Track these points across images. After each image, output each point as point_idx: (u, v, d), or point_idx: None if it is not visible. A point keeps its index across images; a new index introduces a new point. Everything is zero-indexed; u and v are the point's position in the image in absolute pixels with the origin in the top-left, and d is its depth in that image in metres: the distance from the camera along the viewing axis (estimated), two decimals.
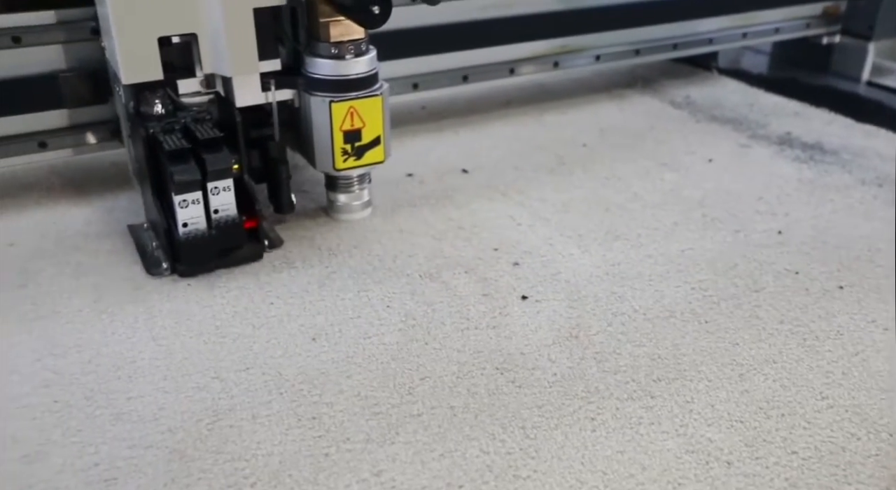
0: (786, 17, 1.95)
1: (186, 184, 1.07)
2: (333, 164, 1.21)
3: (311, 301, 1.08)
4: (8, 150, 1.27)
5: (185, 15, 1.09)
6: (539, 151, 1.55)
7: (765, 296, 1.12)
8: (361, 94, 1.18)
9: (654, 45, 1.82)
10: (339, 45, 1.16)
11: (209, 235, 1.11)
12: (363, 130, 1.20)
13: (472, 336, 1.02)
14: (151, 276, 1.13)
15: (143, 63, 1.10)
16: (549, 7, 1.64)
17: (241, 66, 1.14)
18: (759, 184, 1.44)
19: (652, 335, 1.03)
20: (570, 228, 1.28)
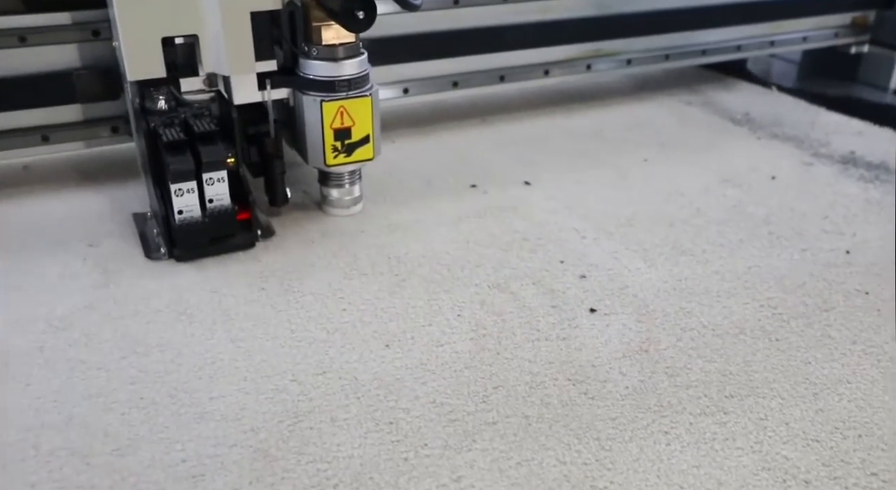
0: (814, 27, 1.99)
1: (181, 173, 1.14)
2: (324, 161, 1.27)
3: (383, 308, 1.10)
4: (25, 141, 1.37)
5: (187, 17, 1.16)
6: (600, 165, 1.56)
7: (835, 315, 1.11)
8: (351, 94, 1.24)
9: (683, 51, 1.88)
10: (331, 47, 1.22)
11: (203, 223, 1.18)
12: (353, 129, 1.25)
13: (543, 347, 1.03)
14: (150, 260, 1.20)
15: (148, 61, 1.16)
16: (584, 13, 1.73)
17: (239, 66, 1.20)
18: (824, 202, 1.43)
19: (722, 351, 1.03)
20: (634, 242, 1.28)
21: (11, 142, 1.37)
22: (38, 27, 1.31)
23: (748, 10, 1.91)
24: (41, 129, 1.38)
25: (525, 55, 1.71)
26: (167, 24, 1.15)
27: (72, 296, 1.11)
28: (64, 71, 1.35)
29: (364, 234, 1.29)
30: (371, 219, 1.34)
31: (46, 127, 1.38)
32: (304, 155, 1.28)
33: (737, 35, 1.93)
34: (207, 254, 1.21)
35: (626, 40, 1.81)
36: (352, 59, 1.23)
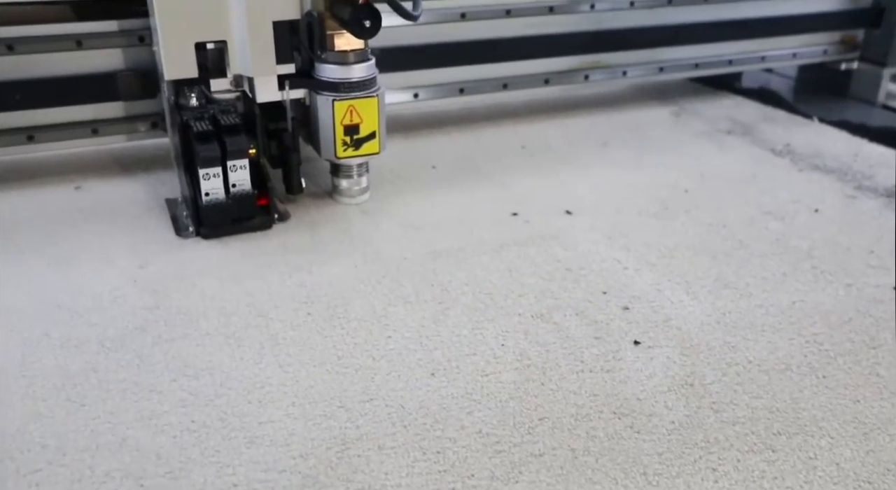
0: (804, 44, 2.12)
1: (209, 159, 1.30)
2: (335, 153, 1.42)
3: (427, 336, 1.11)
4: (73, 134, 1.55)
5: (217, 25, 1.32)
6: (641, 195, 1.56)
7: (884, 353, 1.10)
8: (360, 94, 1.39)
9: (676, 64, 2.01)
10: (342, 53, 1.38)
11: (226, 204, 1.34)
12: (361, 125, 1.41)
13: (588, 379, 1.03)
14: (180, 238, 1.35)
15: (182, 63, 1.32)
16: (583, 27, 1.87)
17: (262, 69, 1.36)
18: (870, 237, 1.42)
19: (768, 387, 1.02)
20: (677, 274, 1.28)
21: (65, 133, 1.55)
22: (91, 33, 1.48)
23: (740, 27, 2.03)
24: (91, 123, 1.56)
25: (527, 65, 1.86)
26: (200, 30, 1.31)
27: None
28: (110, 72, 1.52)
29: (407, 262, 1.30)
30: (413, 246, 1.35)
31: (95, 121, 1.56)
32: (318, 148, 1.43)
33: (729, 50, 2.06)
34: (230, 232, 1.36)
35: (623, 53, 1.94)
36: (361, 63, 1.39)
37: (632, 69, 1.97)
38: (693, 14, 1.98)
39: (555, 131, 1.89)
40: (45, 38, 1.46)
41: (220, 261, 1.29)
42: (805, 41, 2.13)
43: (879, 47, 2.12)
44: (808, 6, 2.10)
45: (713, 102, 2.13)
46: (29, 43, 1.45)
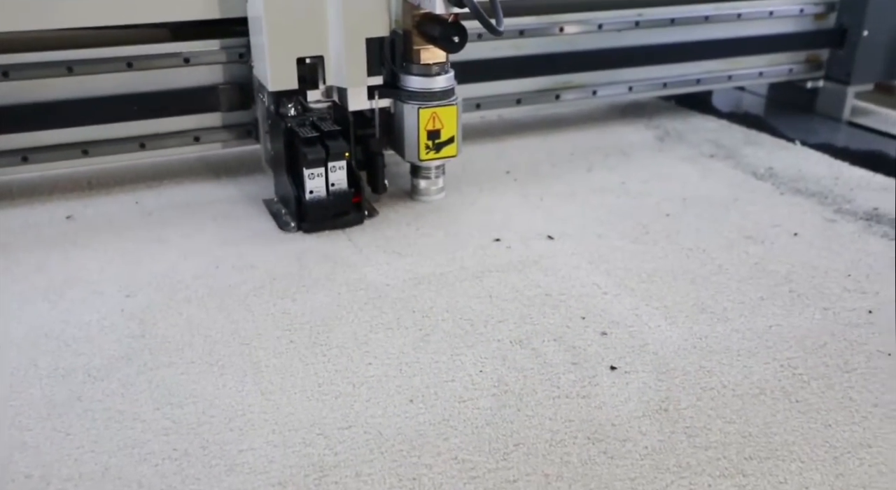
0: (770, 63, 2.22)
1: (315, 161, 1.46)
2: (418, 156, 1.57)
3: (407, 362, 1.13)
4: (181, 141, 1.72)
5: (317, 42, 1.50)
6: (623, 220, 1.58)
7: (857, 377, 1.12)
8: (442, 103, 1.55)
9: (646, 83, 2.10)
10: (427, 66, 1.53)
11: (327, 201, 1.50)
12: (442, 131, 1.56)
13: (564, 404, 1.05)
14: (283, 232, 1.51)
15: (285, 76, 1.50)
16: (554, 49, 1.96)
17: (355, 80, 1.52)
18: (847, 260, 1.44)
19: (742, 412, 1.04)
20: (655, 299, 1.30)
21: (172, 141, 1.71)
22: (195, 52, 1.66)
23: (708, 47, 2.12)
24: (193, 131, 1.72)
25: (499, 86, 1.93)
26: (302, 46, 1.50)
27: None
28: (212, 85, 1.69)
29: (389, 288, 1.32)
30: (396, 272, 1.37)
31: (196, 130, 1.73)
32: (402, 152, 1.59)
33: (697, 70, 2.15)
34: (328, 227, 1.52)
35: (593, 73, 2.02)
36: (442, 75, 1.55)
37: (602, 89, 2.05)
38: (661, 36, 2.06)
39: (540, 155, 1.92)
40: (157, 57, 1.63)
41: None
42: (771, 61, 2.22)
43: (843, 67, 2.21)
44: (773, 27, 2.18)
45: (698, 126, 2.16)
46: (144, 60, 1.62)
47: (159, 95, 1.65)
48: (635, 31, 2.02)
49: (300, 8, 1.46)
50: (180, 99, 1.67)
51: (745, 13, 2.12)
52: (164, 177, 1.79)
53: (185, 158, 1.86)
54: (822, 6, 2.20)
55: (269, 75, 1.49)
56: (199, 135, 1.72)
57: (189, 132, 1.71)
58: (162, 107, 1.66)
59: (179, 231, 1.52)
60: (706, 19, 2.08)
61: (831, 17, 2.22)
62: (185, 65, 1.65)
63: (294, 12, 1.46)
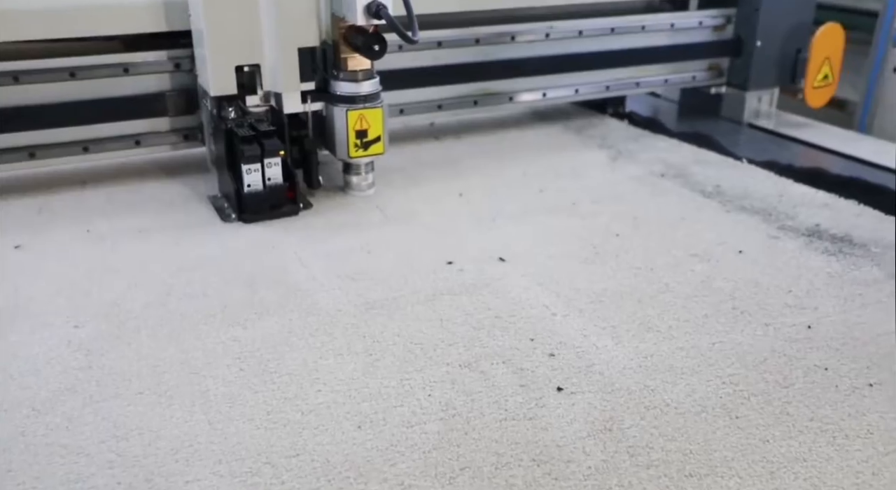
0: (674, 71, 2.41)
1: (251, 157, 1.61)
2: (348, 154, 1.72)
3: (357, 388, 1.14)
4: (128, 144, 1.84)
5: (253, 52, 1.66)
6: (574, 240, 1.61)
7: (794, 392, 1.15)
8: (368, 105, 1.71)
9: (559, 90, 2.26)
10: (354, 72, 1.69)
11: (263, 194, 1.65)
12: (369, 130, 1.71)
13: (510, 427, 1.07)
14: (225, 223, 1.66)
15: (225, 82, 1.65)
16: (473, 58, 2.10)
17: (289, 86, 1.68)
18: (789, 277, 1.48)
19: (684, 430, 1.07)
20: (603, 319, 1.33)
21: (116, 144, 1.84)
22: (142, 62, 1.79)
23: (616, 57, 2.29)
24: (138, 135, 1.85)
25: (422, 93, 2.07)
26: (240, 56, 1.65)
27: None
28: (159, 92, 1.82)
29: (341, 313, 1.33)
30: (349, 297, 1.38)
31: (141, 134, 1.85)
32: (333, 150, 1.74)
33: (606, 77, 2.32)
34: (265, 218, 1.67)
35: (509, 81, 2.17)
36: (368, 80, 1.71)
37: (518, 95, 2.20)
38: (573, 46, 2.22)
39: (494, 177, 1.95)
40: (103, 67, 1.76)
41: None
42: (675, 68, 2.41)
43: (741, 74, 2.41)
44: (677, 38, 2.37)
45: (649, 145, 2.20)
46: (89, 70, 1.74)
47: (109, 101, 1.78)
48: (546, 42, 2.18)
49: (238, 21, 1.62)
50: (130, 105, 1.80)
51: (648, 25, 2.31)
52: (110, 177, 1.90)
53: (137, 160, 1.98)
54: (721, 19, 2.39)
55: (211, 82, 1.64)
56: (147, 138, 1.85)
57: (138, 135, 1.85)
58: (111, 112, 1.79)
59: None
60: (612, 31, 2.26)
61: (729, 29, 2.42)
62: (124, 74, 1.77)
63: (232, 25, 1.62)
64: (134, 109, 1.80)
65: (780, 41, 2.37)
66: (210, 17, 1.60)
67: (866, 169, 2.07)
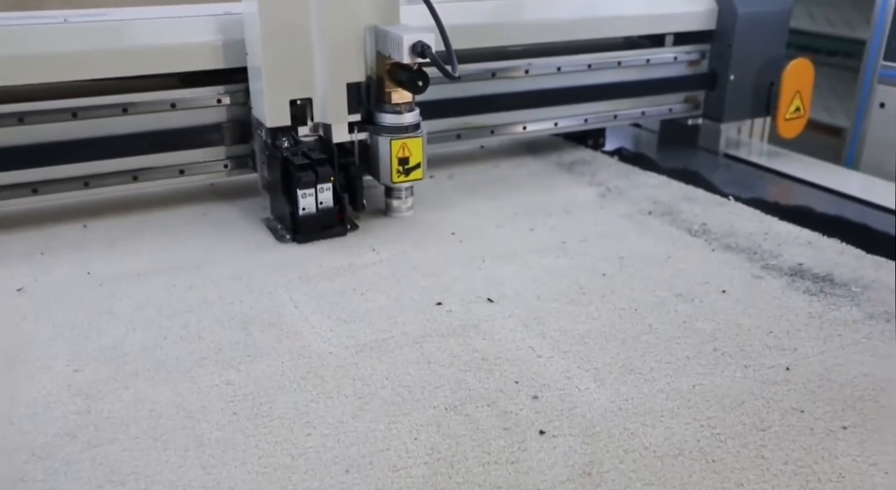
0: (651, 104, 2.53)
1: (307, 183, 1.77)
2: (391, 179, 1.89)
3: (345, 432, 1.18)
4: (192, 170, 2.01)
5: (307, 86, 1.83)
6: (561, 280, 1.65)
7: (770, 435, 1.18)
8: (410, 135, 1.87)
9: (539, 123, 2.36)
10: (397, 105, 1.85)
11: (316, 216, 1.81)
12: (410, 158, 1.88)
13: (493, 471, 1.10)
14: (280, 243, 1.83)
15: (280, 115, 1.82)
16: (456, 95, 2.21)
17: (338, 117, 1.85)
18: (770, 317, 1.52)
19: (661, 473, 1.10)
20: (587, 361, 1.36)
21: (188, 169, 2.00)
22: (200, 97, 1.96)
23: (594, 91, 2.40)
24: (197, 164, 2.01)
25: None
26: (294, 90, 1.82)
27: None
28: (216, 123, 2.00)
29: (332, 356, 1.37)
30: (339, 339, 1.42)
31: (196, 163, 2.01)
32: (377, 176, 1.91)
33: (585, 111, 2.43)
34: (317, 238, 1.83)
35: (490, 115, 2.28)
36: (410, 112, 1.87)
37: (498, 129, 2.31)
38: (552, 81, 2.33)
39: (486, 216, 1.99)
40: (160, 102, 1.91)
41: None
42: (652, 102, 2.53)
43: (716, 106, 2.53)
44: (654, 73, 2.48)
45: (639, 182, 2.25)
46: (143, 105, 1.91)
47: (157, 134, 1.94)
48: (526, 78, 2.29)
49: (293, 59, 1.79)
50: (186, 136, 1.96)
51: (624, 61, 2.42)
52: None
53: (183, 187, 2.11)
54: (696, 54, 2.51)
55: (267, 114, 1.80)
56: (203, 166, 2.02)
57: (206, 163, 2.02)
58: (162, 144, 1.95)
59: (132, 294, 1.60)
60: (589, 67, 2.37)
61: (704, 64, 2.53)
62: (171, 109, 1.93)
63: (287, 62, 1.79)
64: (191, 140, 1.98)
65: (752, 75, 2.48)
66: (268, 55, 1.77)
67: (851, 205, 2.12)
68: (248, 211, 2.00)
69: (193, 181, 2.02)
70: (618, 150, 2.53)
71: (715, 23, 2.46)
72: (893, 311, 1.53)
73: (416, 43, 1.70)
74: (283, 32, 1.76)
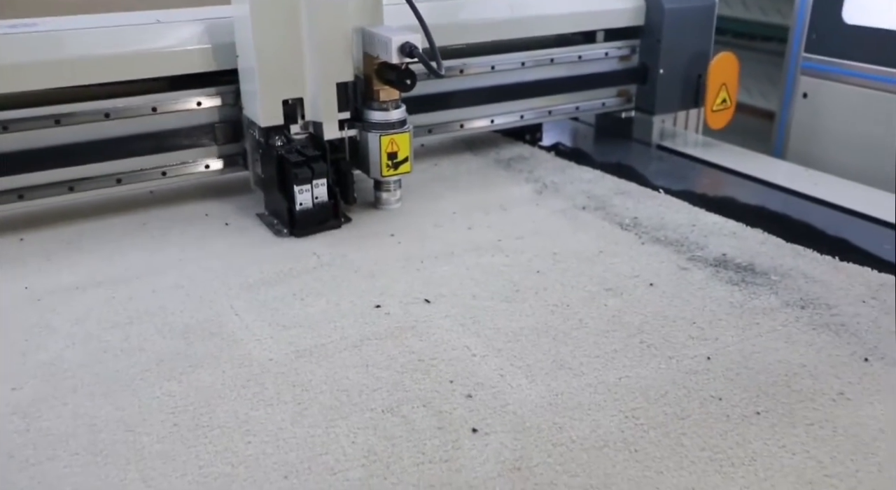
0: (584, 98, 2.62)
1: (304, 179, 1.87)
2: (381, 173, 2.01)
3: (285, 438, 1.21)
4: (183, 170, 2.08)
5: (298, 86, 1.92)
6: (496, 279, 1.70)
7: (689, 423, 1.25)
8: (398, 130, 1.98)
9: (476, 120, 2.45)
10: (385, 102, 1.96)
11: (313, 211, 1.91)
12: (398, 152, 2.00)
13: (427, 470, 1.15)
14: (277, 237, 1.92)
15: (273, 114, 1.91)
16: None
17: (328, 115, 1.94)
18: (694, 308, 1.59)
19: (587, 466, 1.16)
20: (519, 358, 1.42)
21: (180, 170, 2.08)
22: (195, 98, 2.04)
23: (529, 88, 2.48)
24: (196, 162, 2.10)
25: None
26: (286, 90, 1.91)
27: None
28: (209, 124, 2.08)
29: (272, 363, 1.40)
30: (279, 346, 1.45)
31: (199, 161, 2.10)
32: (367, 170, 2.02)
33: (520, 107, 2.51)
34: (313, 231, 1.92)
35: (429, 114, 2.34)
36: (397, 109, 1.98)
37: (436, 128, 2.38)
38: (487, 80, 2.40)
39: (425, 216, 2.03)
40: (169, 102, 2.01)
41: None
42: (586, 96, 2.61)
43: (647, 99, 2.62)
44: (586, 68, 2.56)
45: (574, 177, 2.31)
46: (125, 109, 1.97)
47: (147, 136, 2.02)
48: (463, 78, 2.36)
49: (284, 60, 1.88)
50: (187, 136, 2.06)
51: (557, 58, 2.49)
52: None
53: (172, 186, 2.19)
54: (626, 49, 2.60)
55: (261, 114, 1.89)
56: (207, 163, 2.11)
57: (199, 162, 2.10)
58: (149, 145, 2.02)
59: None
60: (523, 65, 2.44)
61: (635, 58, 2.62)
62: (197, 109, 2.04)
63: (280, 64, 1.88)
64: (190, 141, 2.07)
65: (681, 68, 2.58)
66: (262, 57, 1.86)
67: (774, 194, 2.22)
68: None
69: (177, 182, 2.10)
70: (555, 145, 2.61)
71: (644, 19, 2.56)
72: (808, 297, 1.62)
73: (404, 44, 1.81)
74: (274, 35, 1.84)
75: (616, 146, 2.66)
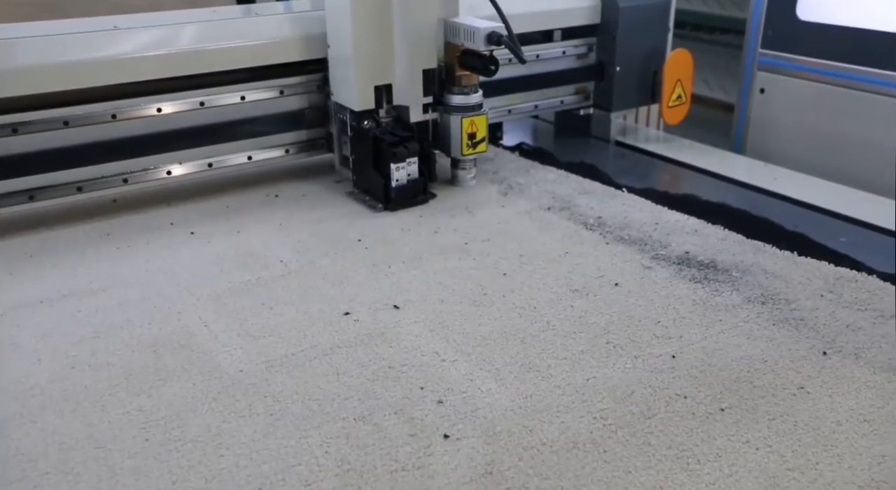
0: (542, 97, 2.67)
1: (401, 157, 2.07)
2: (461, 152, 2.20)
3: (257, 450, 1.22)
4: (273, 153, 2.28)
5: (388, 73, 2.12)
6: (464, 282, 1.72)
7: (656, 422, 1.28)
8: (476, 113, 2.18)
9: None
10: (465, 87, 2.16)
11: (406, 187, 2.11)
12: (477, 133, 2.19)
13: (400, 477, 1.16)
14: (373, 212, 2.10)
15: (366, 99, 2.11)
16: None
17: (415, 100, 2.15)
18: (658, 307, 1.62)
19: (557, 468, 1.18)
20: (488, 362, 1.44)
21: (271, 153, 2.28)
22: (290, 85, 2.24)
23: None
24: (287, 145, 2.31)
25: None
26: (378, 77, 2.11)
27: None
28: (300, 109, 2.29)
29: (243, 374, 1.40)
30: (250, 357, 1.45)
31: (290, 144, 2.31)
32: (447, 150, 2.21)
33: None
34: (406, 206, 2.11)
35: None
36: (476, 93, 2.19)
37: None
38: None
39: (391, 222, 2.04)
40: None
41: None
42: (544, 95, 2.66)
43: (605, 96, 2.68)
44: (545, 67, 2.60)
45: (539, 177, 2.33)
46: None
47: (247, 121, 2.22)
48: None
49: (377, 50, 2.08)
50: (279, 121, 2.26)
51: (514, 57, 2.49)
52: None
53: None
54: (583, 48, 2.65)
55: (356, 99, 2.09)
56: (289, 148, 2.30)
57: (288, 145, 2.30)
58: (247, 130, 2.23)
59: None
60: None
61: (592, 56, 2.67)
62: (281, 96, 2.23)
63: (373, 53, 2.07)
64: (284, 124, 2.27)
65: (637, 65, 2.63)
66: (357, 47, 2.05)
67: (734, 190, 2.27)
68: None
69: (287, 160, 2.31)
70: (518, 145, 2.63)
71: (599, 17, 2.61)
72: (768, 293, 1.66)
73: (491, 33, 1.99)
74: (370, 25, 2.04)
75: (577, 144, 2.71)
